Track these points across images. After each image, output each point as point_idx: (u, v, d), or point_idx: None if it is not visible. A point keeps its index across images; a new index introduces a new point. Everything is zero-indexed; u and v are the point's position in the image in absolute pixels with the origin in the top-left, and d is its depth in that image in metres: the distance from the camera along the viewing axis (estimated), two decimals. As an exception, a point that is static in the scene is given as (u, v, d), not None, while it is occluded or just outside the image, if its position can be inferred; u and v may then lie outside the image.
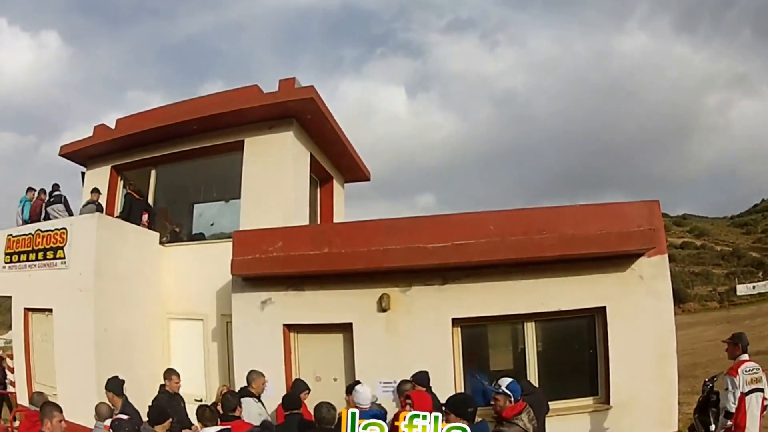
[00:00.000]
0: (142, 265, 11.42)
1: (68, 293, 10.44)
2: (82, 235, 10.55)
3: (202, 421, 5.83)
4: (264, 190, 11.29)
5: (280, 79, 11.32)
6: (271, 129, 11.39)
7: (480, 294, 8.39)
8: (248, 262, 9.20)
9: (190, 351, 11.41)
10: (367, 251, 8.48)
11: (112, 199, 13.35)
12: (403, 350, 8.54)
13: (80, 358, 10.07)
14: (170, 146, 12.47)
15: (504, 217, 8.42)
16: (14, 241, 11.79)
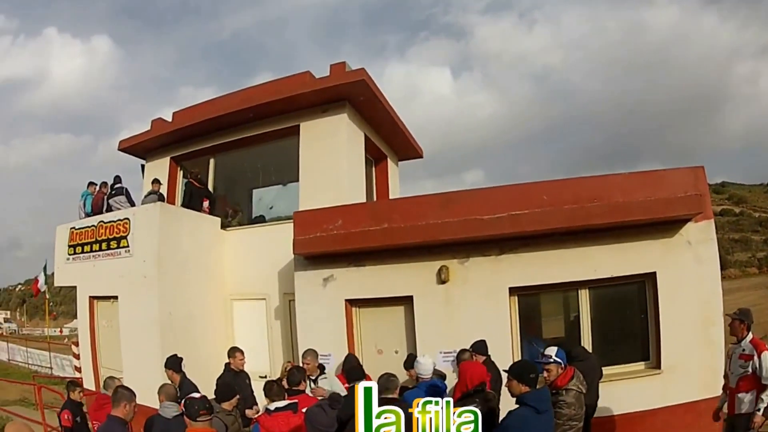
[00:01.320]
0: (204, 250, 12.04)
1: (133, 280, 11.08)
2: (144, 223, 11.15)
3: (270, 396, 6.00)
4: (321, 172, 11.72)
5: (331, 64, 11.78)
6: (325, 113, 11.83)
7: (535, 263, 8.60)
8: (309, 240, 9.64)
9: (254, 330, 11.98)
10: (425, 225, 8.75)
11: (172, 189, 14.10)
12: (462, 320, 8.83)
13: (146, 342, 10.73)
14: (227, 135, 13.09)
15: (556, 186, 8.49)
16: (77, 233, 12.57)
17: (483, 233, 8.49)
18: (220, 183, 14.22)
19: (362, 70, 11.21)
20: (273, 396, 5.94)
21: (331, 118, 11.85)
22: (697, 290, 8.30)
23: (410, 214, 9.06)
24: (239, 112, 12.31)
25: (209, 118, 12.73)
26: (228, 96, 13.60)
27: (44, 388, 13.44)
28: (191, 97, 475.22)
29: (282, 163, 13.37)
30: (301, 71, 12.62)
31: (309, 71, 12.42)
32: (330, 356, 9.45)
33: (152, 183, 12.79)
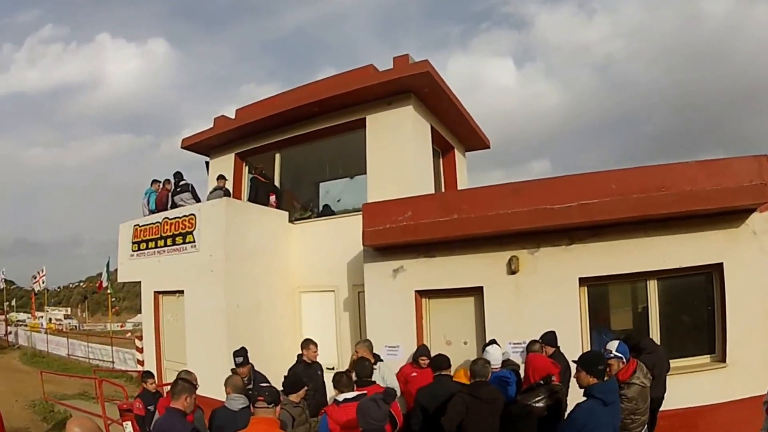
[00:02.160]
0: (272, 243, 12.41)
1: (199, 274, 11.48)
2: (211, 218, 11.54)
3: (339, 387, 6.03)
4: (388, 164, 11.96)
5: (394, 57, 11.94)
6: (390, 105, 12.04)
7: (605, 253, 8.60)
8: (379, 232, 9.86)
9: (322, 322, 12.29)
10: (495, 215, 8.79)
11: (238, 184, 14.59)
12: (532, 311, 8.91)
13: (212, 335, 11.15)
14: (292, 130, 13.43)
15: (624, 175, 8.39)
16: (141, 230, 13.16)
17: (553, 223, 8.52)
18: (286, 177, 14.55)
19: (426, 62, 11.31)
20: (342, 387, 6.01)
21: (396, 110, 12.03)
22: (762, 282, 8.25)
23: (479, 204, 9.10)
24: (304, 107, 12.60)
25: (274, 114, 13.08)
26: (292, 91, 13.92)
27: (105, 382, 13.84)
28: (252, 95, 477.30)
29: (348, 155, 13.64)
30: (364, 65, 12.86)
31: (372, 64, 12.68)
32: (398, 347, 9.75)
33: (217, 179, 13.18)
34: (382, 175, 11.98)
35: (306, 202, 14.73)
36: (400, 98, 11.99)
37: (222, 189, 12.81)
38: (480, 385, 6.12)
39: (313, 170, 15.33)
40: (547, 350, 7.82)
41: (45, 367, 24.41)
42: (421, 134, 12.54)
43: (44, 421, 14.48)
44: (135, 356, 20.79)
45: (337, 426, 5.53)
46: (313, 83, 13.74)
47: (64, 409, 14.95)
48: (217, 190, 12.78)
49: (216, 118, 15.16)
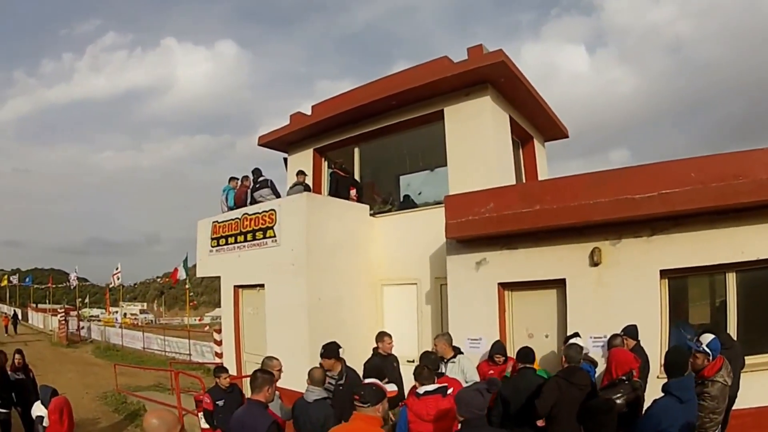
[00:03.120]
0: (352, 237, 12.77)
1: (280, 268, 11.93)
2: (291, 213, 11.97)
3: (420, 380, 6.12)
4: (469, 155, 12.20)
5: (468, 47, 12.09)
6: (467, 96, 12.25)
7: (685, 245, 8.41)
8: (461, 224, 10.03)
9: (404, 314, 12.61)
10: (577, 205, 8.79)
11: (317, 179, 15.16)
12: (613, 304, 8.83)
13: (293, 328, 11.56)
14: (370, 124, 13.86)
15: (702, 163, 8.20)
16: (220, 226, 13.81)
17: (634, 213, 8.44)
18: (366, 171, 14.97)
19: (500, 52, 11.43)
20: (423, 380, 6.09)
21: (474, 101, 12.23)
22: None
23: (562, 194, 9.11)
24: (381, 101, 12.98)
25: (351, 109, 13.51)
26: (368, 86, 14.26)
27: (181, 374, 14.29)
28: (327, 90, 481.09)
29: (428, 148, 13.88)
30: (438, 57, 13.09)
31: (446, 56, 12.91)
32: (481, 340, 9.94)
33: (297, 175, 13.57)
34: (463, 167, 12.18)
35: (387, 196, 15.04)
36: (477, 89, 12.16)
37: (302, 184, 13.19)
38: (574, 370, 6.31)
39: (392, 163, 15.58)
40: (629, 343, 7.93)
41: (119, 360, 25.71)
42: (500, 125, 12.71)
43: (116, 412, 15.08)
44: (213, 349, 21.39)
45: (416, 418, 5.68)
46: (389, 77, 14.02)
47: (137, 400, 15.65)
48: (298, 185, 13.14)
49: (292, 114, 15.70)
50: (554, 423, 6.10)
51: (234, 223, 13.35)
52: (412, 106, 12.98)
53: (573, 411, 5.98)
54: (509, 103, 13.17)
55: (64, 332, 36.14)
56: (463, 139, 12.31)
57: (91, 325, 42.11)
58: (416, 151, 14.71)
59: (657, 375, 7.78)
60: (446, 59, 12.77)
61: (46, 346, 33.64)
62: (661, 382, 5.68)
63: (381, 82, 13.86)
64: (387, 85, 13.19)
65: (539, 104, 13.82)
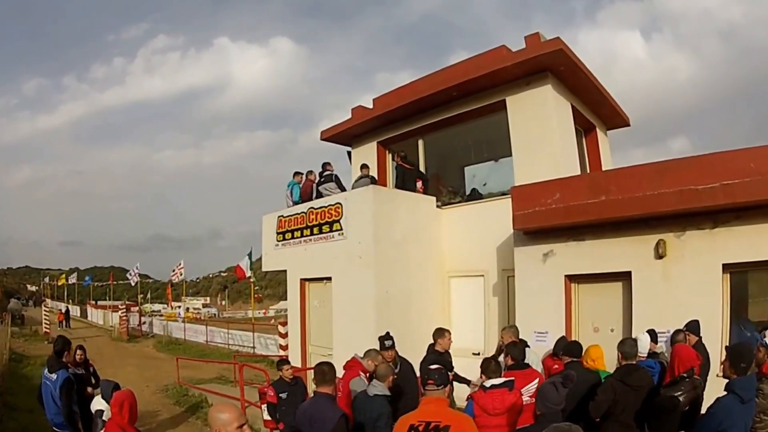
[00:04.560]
0: (419, 229, 13.05)
1: (347, 261, 12.29)
2: (358, 206, 12.26)
3: (486, 373, 6.13)
4: (533, 145, 12.40)
5: (525, 36, 12.21)
6: (528, 85, 12.40)
7: (747, 238, 8.29)
8: (528, 215, 10.22)
9: (471, 306, 12.89)
10: (642, 196, 8.82)
11: (382, 172, 15.53)
12: (678, 298, 8.78)
13: (361, 320, 11.82)
14: (433, 115, 14.12)
15: (762, 153, 8.02)
16: (285, 220, 14.26)
17: (698, 204, 8.40)
18: (431, 162, 15.24)
19: (558, 39, 11.54)
20: (490, 373, 6.09)
21: (535, 90, 12.39)
22: None
23: (627, 185, 9.12)
24: (442, 92, 13.23)
25: (412, 101, 13.80)
26: (427, 77, 14.51)
27: (246, 366, 14.63)
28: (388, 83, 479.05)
29: (492, 138, 14.08)
30: (497, 46, 13.23)
31: (504, 45, 13.09)
32: (547, 333, 10.00)
33: (361, 168, 13.99)
34: (528, 157, 12.33)
35: (452, 187, 15.28)
36: (538, 78, 12.30)
37: (368, 177, 13.50)
38: (631, 370, 6.19)
39: (457, 154, 15.82)
40: (691, 339, 7.77)
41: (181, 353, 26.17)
42: (563, 113, 12.84)
43: (177, 404, 15.33)
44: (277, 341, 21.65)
45: (483, 412, 5.63)
46: (449, 67, 14.24)
47: (199, 393, 15.92)
48: (363, 178, 13.46)
49: (353, 108, 16.10)
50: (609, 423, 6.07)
51: (300, 217, 13.75)
52: (473, 96, 13.23)
53: (629, 411, 5.98)
54: (570, 92, 13.20)
55: (125, 327, 36.92)
56: (527, 128, 12.44)
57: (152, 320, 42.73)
58: (480, 142, 14.91)
59: (717, 374, 7.60)
60: (504, 48, 12.89)
61: (106, 341, 34.14)
62: (720, 380, 5.70)
63: (441, 73, 14.04)
64: (447, 76, 13.38)
65: (600, 92, 13.83)
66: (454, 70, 13.69)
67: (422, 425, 4.71)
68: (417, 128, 14.65)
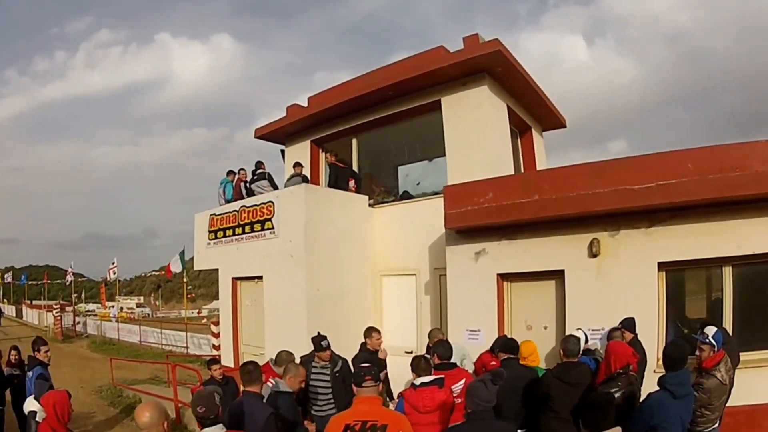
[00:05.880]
0: (352, 228, 12.75)
1: (279, 260, 11.91)
2: (290, 205, 11.94)
3: (416, 371, 6.04)
4: (467, 145, 12.08)
5: (464, 37, 11.98)
6: (464, 86, 12.17)
7: (683, 237, 8.35)
8: (461, 214, 9.98)
9: (403, 305, 12.66)
10: (576, 195, 8.73)
11: (315, 171, 15.14)
12: (612, 296, 8.78)
13: (292, 319, 11.51)
14: (367, 114, 13.79)
15: (699, 154, 8.12)
16: (218, 219, 13.80)
17: (633, 204, 8.39)
18: (364, 162, 14.93)
19: (496, 41, 11.37)
20: (420, 371, 6.02)
21: (471, 90, 12.13)
22: None
23: (561, 184, 9.04)
24: (377, 92, 12.93)
25: (347, 100, 13.46)
26: (364, 76, 14.22)
27: (179, 366, 14.44)
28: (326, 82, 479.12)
29: (426, 138, 13.82)
30: (435, 46, 13.02)
31: (442, 45, 12.85)
32: (480, 331, 9.91)
33: (294, 166, 13.56)
34: (462, 157, 12.11)
35: (386, 186, 15.07)
36: (474, 78, 12.07)
37: (300, 175, 13.20)
38: (570, 368, 6.22)
39: (391, 154, 15.55)
40: (627, 336, 7.86)
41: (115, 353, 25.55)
42: (498, 114, 12.65)
43: (111, 405, 15.01)
44: (210, 341, 21.37)
45: (413, 410, 5.58)
46: (385, 67, 13.99)
47: (134, 393, 15.40)
48: (295, 176, 13.14)
49: (289, 106, 15.68)
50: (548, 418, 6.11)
51: (232, 215, 13.37)
52: (408, 96, 12.92)
53: (567, 407, 5.98)
54: (507, 93, 13.08)
55: (59, 328, 36.05)
56: (461, 129, 12.25)
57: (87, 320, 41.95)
58: (414, 142, 14.72)
59: (654, 369, 7.71)
60: (442, 49, 12.72)
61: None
62: (657, 377, 5.64)
63: (377, 73, 13.82)
64: (383, 76, 13.15)
65: (537, 93, 13.76)
66: (390, 70, 13.46)
67: (358, 425, 4.70)
68: (351, 127, 14.35)
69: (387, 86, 12.69)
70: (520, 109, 14.18)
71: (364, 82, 13.55)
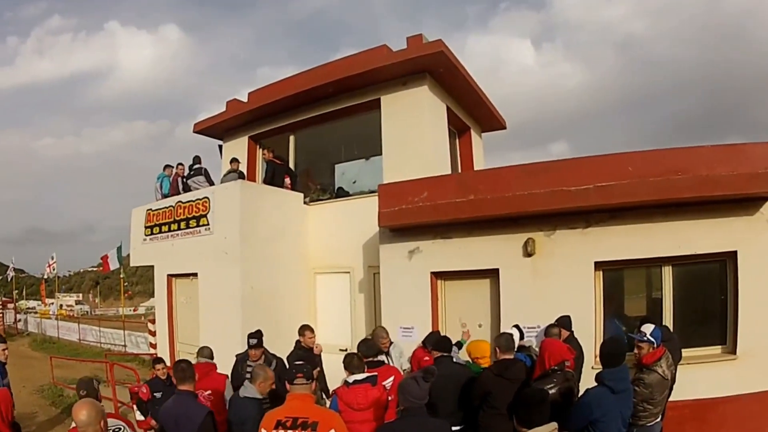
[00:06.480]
0: (287, 225, 12.53)
1: (214, 257, 11.66)
2: (225, 201, 11.67)
3: (349, 368, 6.01)
4: (404, 145, 11.96)
5: (407, 37, 11.87)
6: (405, 85, 12.05)
7: (621, 237, 8.47)
8: (395, 213, 9.84)
9: (337, 303, 12.52)
10: (512, 196, 8.71)
11: (252, 167, 14.81)
12: (547, 295, 8.82)
13: (227, 317, 11.30)
14: (307, 111, 13.53)
15: (641, 157, 8.23)
16: (154, 214, 13.45)
17: (570, 205, 8.42)
18: (301, 159, 14.71)
19: (440, 42, 11.28)
20: (352, 369, 6.01)
21: (411, 90, 12.02)
22: None
23: (497, 185, 9.02)
24: (318, 89, 12.68)
25: (286, 96, 13.18)
26: (305, 73, 13.97)
27: (117, 365, 14.14)
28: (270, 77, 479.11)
29: (364, 137, 13.61)
30: (378, 45, 12.89)
31: (386, 44, 12.73)
32: (413, 329, 9.78)
33: (231, 162, 13.32)
34: (398, 156, 11.98)
35: (322, 184, 14.88)
36: (416, 78, 11.97)
37: (236, 172, 12.97)
38: (509, 364, 6.18)
39: (328, 152, 15.40)
40: (563, 334, 7.87)
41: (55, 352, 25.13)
42: (437, 114, 12.52)
43: (53, 405, 14.81)
44: (148, 339, 21.09)
45: (347, 407, 5.60)
46: (327, 64, 13.81)
47: (74, 393, 14.89)
48: (231, 173, 12.90)
49: (228, 101, 15.35)
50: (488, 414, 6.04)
51: (168, 211, 13.02)
52: (349, 94, 12.74)
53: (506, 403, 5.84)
54: (447, 93, 13.03)
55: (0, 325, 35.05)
56: (399, 128, 12.14)
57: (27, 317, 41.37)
58: (352, 140, 14.58)
59: (592, 366, 7.78)
60: (385, 48, 12.59)
61: (-20, 341, 32.51)
62: (596, 373, 5.64)
63: (319, 70, 13.58)
64: (324, 73, 12.94)
65: (477, 95, 13.72)
66: (331, 67, 13.25)
67: (289, 421, 4.69)
68: (289, 124, 14.08)
69: (327, 83, 12.49)
70: (460, 109, 14.11)
71: (305, 79, 13.31)
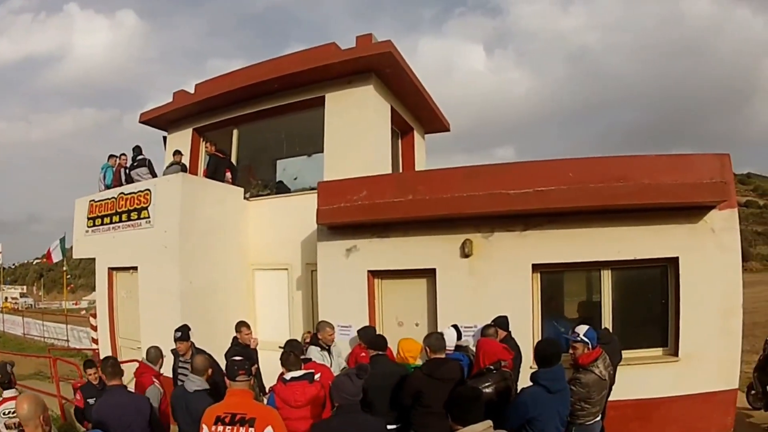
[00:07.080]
0: (227, 220, 12.29)
1: (153, 250, 11.35)
2: (166, 194, 11.40)
3: (286, 366, 6.00)
4: (346, 143, 11.84)
5: (357, 36, 11.81)
6: (350, 84, 11.91)
7: (560, 241, 8.63)
8: (333, 211, 9.78)
9: (275, 300, 12.35)
10: (450, 197, 8.79)
11: (195, 160, 14.44)
12: (485, 295, 8.87)
13: (166, 312, 10.90)
14: (251, 106, 13.28)
15: (583, 164, 8.47)
16: (96, 205, 12.96)
17: (508, 208, 8.53)
18: (244, 153, 14.45)
19: (389, 42, 11.24)
20: (290, 366, 6.00)
21: (356, 89, 11.93)
22: (718, 279, 8.34)
23: (436, 186, 9.09)
24: (263, 83, 12.47)
25: (232, 90, 12.92)
26: (252, 67, 13.74)
27: (60, 361, 13.65)
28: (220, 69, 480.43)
29: (307, 134, 13.48)
30: (327, 42, 12.74)
31: (335, 42, 12.53)
32: (350, 327, 9.63)
33: (174, 154, 12.98)
34: (340, 154, 11.85)
35: (263, 179, 14.69)
36: (361, 78, 11.88)
37: (178, 164, 12.67)
38: (439, 364, 6.16)
39: (271, 147, 15.25)
40: (500, 334, 7.79)
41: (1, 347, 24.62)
42: (380, 114, 12.44)
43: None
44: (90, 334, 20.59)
45: (285, 404, 5.55)
46: (274, 59, 13.56)
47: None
48: (174, 165, 12.63)
49: (176, 92, 14.96)
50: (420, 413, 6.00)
51: (110, 202, 12.58)
52: (294, 90, 12.55)
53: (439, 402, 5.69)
54: (392, 94, 12.99)
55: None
56: (342, 126, 11.97)
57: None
58: (295, 136, 14.42)
59: (530, 366, 7.59)
60: (334, 45, 12.44)
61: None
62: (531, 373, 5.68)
63: (265, 65, 13.37)
64: (271, 68, 12.75)
65: (422, 97, 13.70)
66: (278, 63, 13.01)
67: (228, 417, 4.69)
68: (233, 117, 13.83)
69: (273, 78, 12.29)
70: (404, 110, 14.00)
71: (251, 73, 13.10)
